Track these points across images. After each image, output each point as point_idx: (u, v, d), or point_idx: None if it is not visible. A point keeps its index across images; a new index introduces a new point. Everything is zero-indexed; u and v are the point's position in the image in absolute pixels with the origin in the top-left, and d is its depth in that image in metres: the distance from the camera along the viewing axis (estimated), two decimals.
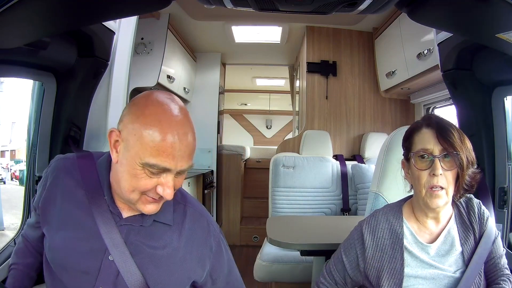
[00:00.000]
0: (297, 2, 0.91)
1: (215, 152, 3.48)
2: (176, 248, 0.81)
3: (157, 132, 0.68)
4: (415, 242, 0.90)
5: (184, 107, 0.74)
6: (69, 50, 1.21)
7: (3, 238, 1.41)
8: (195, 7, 2.46)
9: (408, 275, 0.88)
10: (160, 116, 0.69)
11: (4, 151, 2.61)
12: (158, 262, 0.79)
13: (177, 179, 0.73)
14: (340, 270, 0.98)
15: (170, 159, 0.68)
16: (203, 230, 0.85)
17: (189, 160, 0.71)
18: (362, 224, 0.96)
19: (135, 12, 1.23)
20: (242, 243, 3.67)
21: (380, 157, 1.19)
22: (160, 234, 0.80)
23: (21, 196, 1.30)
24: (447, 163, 0.84)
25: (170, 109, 0.71)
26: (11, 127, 2.39)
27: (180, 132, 0.69)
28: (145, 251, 0.78)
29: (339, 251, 1.00)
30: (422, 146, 0.87)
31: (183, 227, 0.82)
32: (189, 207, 0.85)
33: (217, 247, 0.86)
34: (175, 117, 0.70)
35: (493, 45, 0.99)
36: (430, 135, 0.86)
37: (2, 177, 2.47)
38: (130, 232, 0.78)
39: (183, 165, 0.71)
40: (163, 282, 0.79)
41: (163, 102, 0.71)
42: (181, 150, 0.69)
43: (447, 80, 1.35)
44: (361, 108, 2.79)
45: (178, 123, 0.70)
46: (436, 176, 0.84)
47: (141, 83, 2.44)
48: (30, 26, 0.84)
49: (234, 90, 5.39)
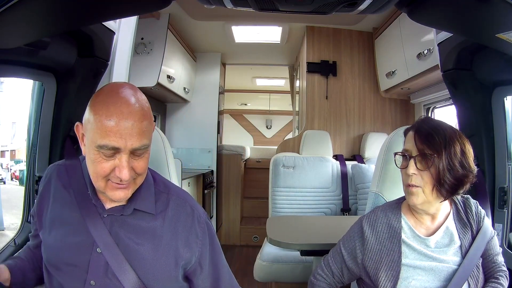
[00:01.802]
0: (297, 2, 0.91)
1: (215, 152, 3.48)
2: (160, 236, 0.82)
3: (104, 114, 0.72)
4: (413, 235, 0.94)
5: (136, 93, 0.77)
6: (69, 50, 1.21)
7: (3, 238, 1.41)
8: (195, 7, 2.46)
9: (408, 265, 0.91)
10: (108, 99, 0.73)
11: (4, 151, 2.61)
12: (144, 250, 0.80)
13: (136, 161, 0.75)
14: (338, 261, 1.01)
15: (118, 138, 0.71)
16: (188, 216, 0.85)
17: (140, 138, 0.73)
18: (362, 219, 0.99)
19: (135, 12, 1.23)
20: (242, 243, 3.67)
21: (380, 157, 1.19)
22: (143, 223, 0.82)
23: (21, 196, 1.30)
24: (421, 163, 0.88)
25: (118, 92, 0.75)
26: (11, 127, 2.39)
27: (125, 111, 0.72)
28: (130, 240, 0.80)
29: (338, 245, 1.03)
30: (404, 146, 0.93)
31: (166, 215, 0.84)
32: (172, 195, 0.87)
33: (203, 233, 0.86)
34: (121, 98, 0.74)
35: (493, 45, 0.99)
36: (412, 137, 0.91)
37: (2, 177, 2.47)
38: (113, 223, 0.81)
39: (133, 144, 0.72)
40: (151, 270, 0.80)
41: (112, 89, 0.76)
42: (128, 128, 0.72)
43: (447, 80, 1.35)
44: (361, 108, 2.79)
45: (123, 103, 0.73)
46: (409, 175, 0.88)
47: (141, 83, 2.44)
48: (30, 26, 0.84)
49: (234, 90, 5.39)
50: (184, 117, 3.52)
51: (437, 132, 0.88)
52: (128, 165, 0.73)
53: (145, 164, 0.77)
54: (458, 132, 0.90)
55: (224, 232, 3.70)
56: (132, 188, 0.78)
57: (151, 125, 0.77)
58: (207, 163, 3.46)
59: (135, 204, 0.82)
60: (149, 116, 0.77)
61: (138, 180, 0.79)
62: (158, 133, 1.11)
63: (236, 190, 3.75)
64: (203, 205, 3.01)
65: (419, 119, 0.95)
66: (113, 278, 0.78)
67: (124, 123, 0.72)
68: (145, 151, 0.76)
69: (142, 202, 0.82)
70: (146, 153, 0.77)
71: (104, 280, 0.78)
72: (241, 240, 3.68)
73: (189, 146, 3.47)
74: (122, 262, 0.78)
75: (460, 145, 0.88)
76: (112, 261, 0.78)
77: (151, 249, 0.81)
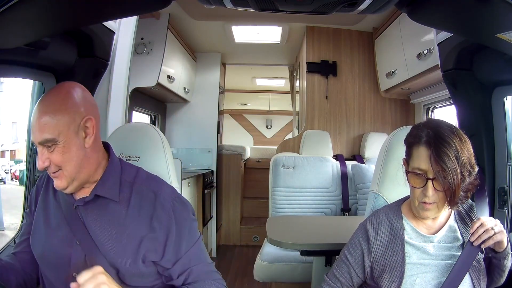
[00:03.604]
0: (297, 2, 0.91)
1: (215, 152, 3.48)
2: (124, 225, 0.85)
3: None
4: (416, 235, 0.94)
5: (67, 91, 0.83)
6: (69, 50, 1.21)
7: (3, 238, 1.41)
8: (195, 7, 2.46)
9: (412, 263, 0.91)
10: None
11: (4, 151, 2.61)
12: (112, 239, 0.84)
13: (52, 153, 0.81)
14: (344, 271, 0.98)
15: (32, 133, 0.81)
16: (150, 203, 0.87)
17: (41, 132, 0.79)
18: (365, 223, 0.98)
19: (135, 12, 1.23)
20: (242, 243, 3.67)
21: (380, 157, 1.18)
22: (109, 211, 0.86)
23: (21, 196, 1.30)
24: (439, 185, 0.86)
25: (49, 92, 0.84)
26: (11, 127, 2.40)
27: (37, 109, 0.80)
28: (101, 230, 0.85)
29: (342, 254, 1.00)
30: (418, 165, 0.88)
31: (130, 203, 0.87)
32: (136, 184, 0.89)
33: (168, 218, 0.86)
34: (44, 98, 0.82)
35: (493, 45, 0.99)
36: (427, 155, 0.86)
37: (2, 177, 2.47)
38: (86, 214, 0.86)
39: (37, 137, 0.80)
40: (120, 258, 0.83)
41: (49, 90, 0.84)
42: (36, 124, 0.80)
43: (447, 80, 1.35)
44: (361, 108, 2.79)
45: (40, 102, 0.82)
46: (427, 196, 0.87)
47: (141, 83, 2.44)
48: (30, 26, 0.84)
49: (234, 90, 5.38)
50: (184, 117, 3.52)
51: (449, 145, 0.85)
52: (41, 156, 0.81)
53: (57, 157, 0.81)
54: (458, 131, 0.88)
55: (224, 232, 3.70)
56: (65, 179, 0.83)
57: (58, 120, 0.80)
58: (207, 163, 3.46)
59: (96, 190, 0.86)
60: (54, 113, 0.80)
61: (64, 172, 0.82)
62: (158, 133, 1.11)
63: (236, 190, 3.75)
64: (203, 205, 3.01)
65: (427, 126, 0.90)
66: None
67: (34, 119, 0.80)
68: (53, 145, 0.80)
69: (103, 189, 0.87)
70: (58, 147, 0.81)
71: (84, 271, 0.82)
72: (241, 240, 3.68)
73: (189, 146, 3.47)
74: (96, 252, 0.83)
75: (466, 152, 0.86)
76: (88, 252, 0.83)
77: (117, 238, 0.84)
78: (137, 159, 1.08)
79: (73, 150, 0.82)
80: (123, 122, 1.46)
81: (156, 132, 1.11)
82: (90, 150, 0.86)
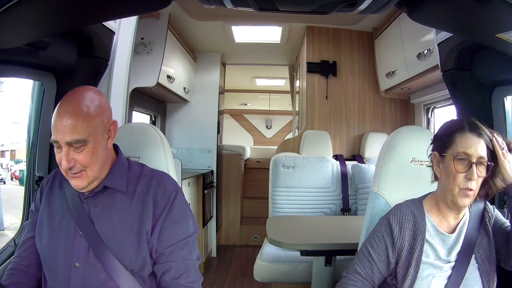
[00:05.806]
0: (297, 2, 0.91)
1: (215, 152, 3.47)
2: (128, 214, 0.89)
3: (53, 114, 0.84)
4: (436, 234, 0.95)
5: (82, 95, 0.86)
6: (69, 50, 1.21)
7: (3, 238, 1.41)
8: (195, 7, 2.46)
9: (428, 263, 0.92)
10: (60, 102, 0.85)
11: (4, 151, 2.61)
12: (115, 229, 0.88)
13: (77, 153, 0.83)
14: (367, 266, 0.96)
15: (56, 133, 0.83)
16: (155, 188, 0.91)
17: (72, 133, 0.82)
18: (388, 217, 0.98)
19: (135, 12, 1.23)
20: (242, 243, 3.67)
21: (381, 157, 1.18)
22: (116, 202, 0.90)
23: (21, 196, 1.31)
24: (480, 170, 0.90)
25: (69, 94, 0.86)
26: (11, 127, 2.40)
27: (62, 110, 0.83)
28: (105, 220, 0.88)
29: (363, 249, 0.99)
30: (464, 150, 0.90)
31: (136, 191, 0.91)
32: (143, 176, 0.94)
33: (165, 203, 0.90)
34: (66, 99, 0.85)
35: (493, 45, 0.99)
36: (474, 141, 0.90)
37: (2, 177, 2.47)
38: (90, 205, 0.90)
39: (66, 137, 0.82)
40: (123, 249, 0.87)
41: (71, 92, 0.86)
42: (62, 124, 0.82)
43: (447, 80, 1.36)
44: (361, 108, 2.79)
45: (65, 103, 0.84)
46: (472, 180, 0.89)
47: (141, 83, 2.44)
48: (30, 26, 0.84)
49: (234, 90, 5.38)
50: (184, 117, 3.51)
51: (493, 136, 0.92)
52: (67, 157, 0.82)
53: (85, 157, 0.84)
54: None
55: (224, 232, 3.70)
56: (87, 179, 0.86)
57: (90, 122, 0.84)
58: (207, 163, 3.46)
59: (105, 182, 0.90)
60: (86, 115, 0.84)
61: (88, 172, 0.86)
62: (158, 133, 1.11)
63: (236, 190, 3.75)
64: (203, 205, 3.01)
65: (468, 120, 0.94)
66: (94, 259, 0.86)
67: (59, 120, 0.82)
68: (82, 145, 0.83)
69: (112, 180, 0.90)
70: (87, 148, 0.84)
71: (87, 261, 0.85)
72: (241, 240, 3.67)
73: (189, 146, 3.47)
74: (100, 243, 0.86)
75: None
76: (92, 243, 0.86)
77: (121, 229, 0.87)
78: (137, 159, 1.08)
79: (99, 151, 0.87)
80: (123, 122, 1.46)
81: (156, 132, 1.11)
82: (110, 151, 0.92)
